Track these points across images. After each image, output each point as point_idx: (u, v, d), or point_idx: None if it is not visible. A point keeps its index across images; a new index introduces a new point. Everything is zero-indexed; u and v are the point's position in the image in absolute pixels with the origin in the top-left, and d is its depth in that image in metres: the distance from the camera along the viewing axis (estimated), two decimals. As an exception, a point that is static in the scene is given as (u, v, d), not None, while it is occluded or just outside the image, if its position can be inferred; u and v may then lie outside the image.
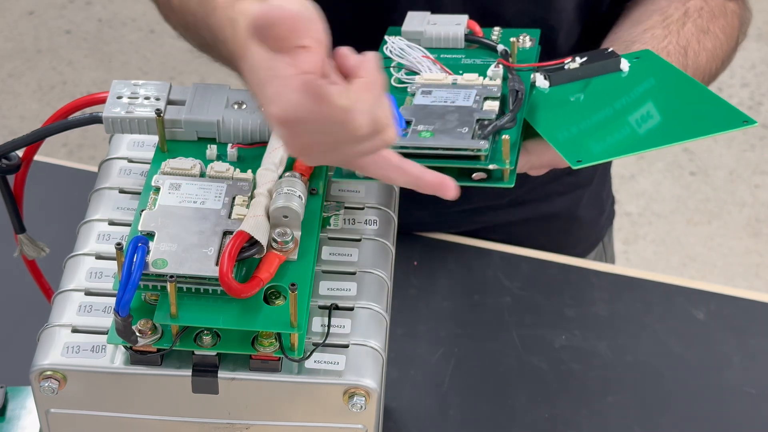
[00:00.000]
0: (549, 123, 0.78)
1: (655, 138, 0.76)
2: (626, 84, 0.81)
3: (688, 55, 0.93)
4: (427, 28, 0.85)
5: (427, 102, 0.77)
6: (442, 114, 0.76)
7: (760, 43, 2.45)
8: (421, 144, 0.73)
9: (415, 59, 0.82)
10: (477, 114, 0.75)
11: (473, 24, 0.85)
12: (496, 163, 0.73)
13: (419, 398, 0.95)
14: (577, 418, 0.94)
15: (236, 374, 0.67)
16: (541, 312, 1.01)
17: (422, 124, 0.75)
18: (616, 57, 0.82)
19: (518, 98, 0.77)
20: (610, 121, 0.78)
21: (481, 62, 0.83)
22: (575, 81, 0.81)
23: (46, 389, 0.67)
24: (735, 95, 2.34)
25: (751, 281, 2.04)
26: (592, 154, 0.75)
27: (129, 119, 0.74)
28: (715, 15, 0.97)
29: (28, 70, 2.38)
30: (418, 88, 0.79)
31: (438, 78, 0.80)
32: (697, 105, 0.79)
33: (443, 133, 0.74)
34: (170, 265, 0.66)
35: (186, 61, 2.39)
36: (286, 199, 0.69)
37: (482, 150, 0.73)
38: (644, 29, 0.93)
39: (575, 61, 0.82)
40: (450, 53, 0.84)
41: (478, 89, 0.78)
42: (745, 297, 1.04)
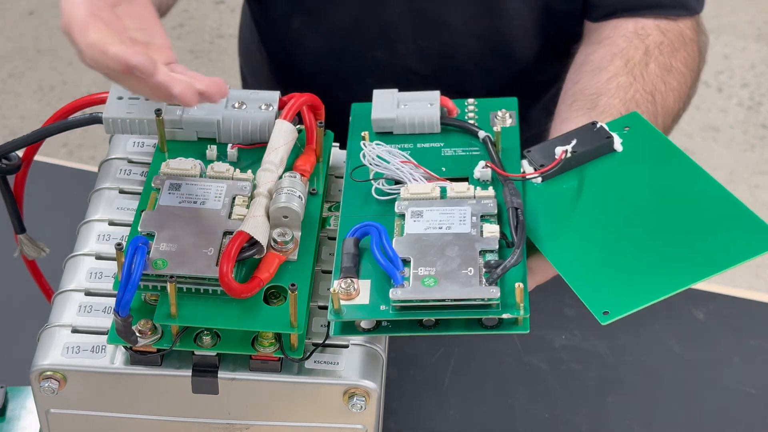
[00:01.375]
0: (555, 245, 0.71)
1: (687, 274, 0.68)
2: (626, 171, 0.75)
3: (656, 100, 0.91)
4: (399, 113, 0.78)
5: (421, 230, 0.70)
6: (441, 248, 0.69)
7: (760, 43, 2.46)
8: (427, 296, 0.66)
9: (395, 167, 0.74)
10: (479, 245, 0.69)
11: (446, 101, 0.79)
12: (510, 311, 0.67)
13: (419, 398, 0.95)
14: (577, 418, 0.94)
15: (236, 374, 0.67)
16: (541, 312, 1.01)
17: (422, 266, 0.68)
18: (609, 137, 0.76)
19: (519, 220, 0.70)
20: (629, 246, 0.70)
21: (464, 152, 0.77)
22: (568, 170, 0.76)
23: (46, 389, 0.67)
24: (735, 95, 2.34)
25: (751, 281, 2.04)
26: (619, 304, 0.68)
27: (129, 119, 0.74)
28: (675, 48, 0.95)
29: (28, 70, 2.38)
30: (406, 207, 0.72)
31: (424, 191, 0.72)
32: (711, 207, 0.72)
33: (448, 279, 0.67)
34: (170, 265, 0.66)
35: (186, 61, 2.39)
36: (286, 199, 0.69)
37: (493, 299, 0.67)
38: (608, 78, 0.90)
39: (567, 152, 0.75)
40: (427, 141, 0.78)
41: (472, 205, 0.71)
42: (745, 297, 1.04)
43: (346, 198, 0.74)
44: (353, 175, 0.75)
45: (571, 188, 0.75)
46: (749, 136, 2.26)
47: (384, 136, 0.77)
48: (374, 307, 0.67)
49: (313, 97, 0.75)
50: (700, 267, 0.68)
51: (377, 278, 0.68)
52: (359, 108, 0.81)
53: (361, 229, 0.70)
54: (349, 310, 0.67)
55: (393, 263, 0.68)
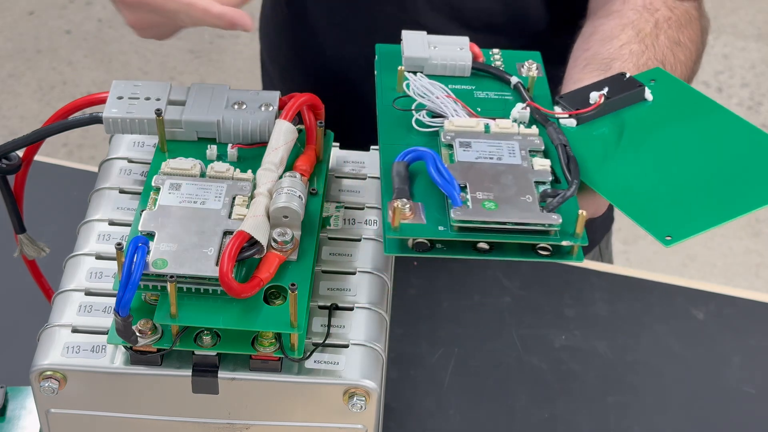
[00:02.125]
0: (605, 180, 0.72)
1: (739, 204, 0.70)
2: (660, 119, 0.77)
3: (666, 69, 0.92)
4: (432, 53, 0.78)
5: (472, 159, 0.71)
6: (495, 176, 0.69)
7: (759, 43, 2.46)
8: (489, 218, 0.67)
9: (439, 99, 0.75)
10: (532, 176, 0.70)
11: (473, 46, 0.80)
12: (569, 239, 0.67)
13: (419, 398, 0.95)
14: (577, 418, 0.94)
15: (236, 374, 0.67)
16: (541, 312, 1.01)
17: (479, 191, 0.68)
18: (640, 86, 0.78)
19: (569, 156, 0.72)
20: (678, 178, 0.72)
21: (496, 96, 0.78)
22: (603, 116, 0.77)
23: (46, 389, 0.67)
24: (735, 95, 2.34)
25: (751, 281, 2.04)
26: (680, 228, 0.69)
27: (129, 119, 0.74)
28: (682, 24, 0.98)
29: (28, 70, 2.38)
30: (453, 138, 0.72)
31: (469, 125, 0.73)
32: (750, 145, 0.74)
33: (507, 204, 0.67)
34: (170, 265, 0.66)
35: (186, 61, 2.39)
36: (287, 199, 0.69)
37: (555, 225, 0.67)
38: (620, 45, 0.92)
39: (604, 96, 0.77)
40: (458, 83, 0.78)
41: (518, 141, 0.72)
42: (745, 297, 1.04)
43: (383, 129, 0.75)
44: (396, 104, 0.76)
45: (607, 132, 0.76)
46: (749, 136, 2.26)
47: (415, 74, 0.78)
48: (432, 226, 0.67)
49: (313, 97, 0.75)
50: (750, 198, 0.71)
51: (429, 203, 0.69)
52: (385, 48, 0.81)
53: (412, 154, 0.70)
54: (407, 228, 0.67)
55: (451, 185, 0.68)
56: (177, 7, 0.78)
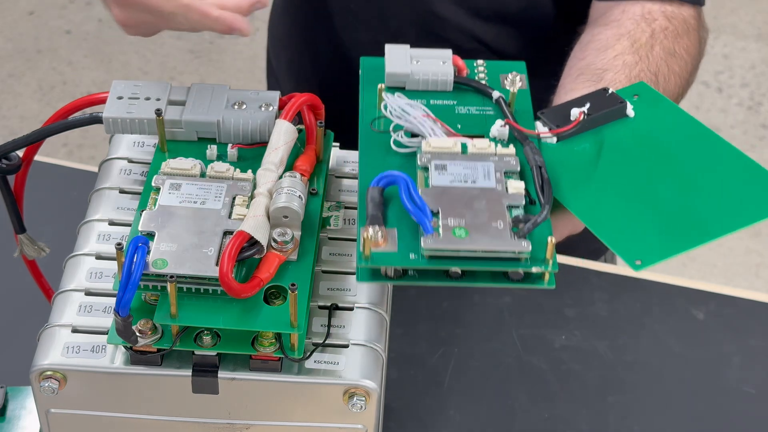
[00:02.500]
0: (579, 200, 0.72)
1: (714, 227, 0.69)
2: (640, 136, 0.76)
3: (659, 81, 0.92)
4: (413, 68, 0.77)
5: (446, 183, 0.70)
6: (468, 201, 0.69)
7: (760, 43, 2.46)
8: (459, 247, 0.66)
9: (416, 120, 0.74)
10: (505, 200, 0.69)
11: (457, 59, 0.79)
12: (539, 265, 0.67)
13: (419, 398, 0.95)
14: (577, 418, 0.94)
15: (236, 374, 0.67)
16: (541, 312, 1.01)
17: (451, 217, 0.68)
18: (622, 102, 0.77)
19: (544, 179, 0.71)
20: (652, 200, 0.72)
21: (477, 111, 0.77)
22: (583, 133, 0.76)
23: (46, 389, 0.67)
24: (735, 95, 2.34)
25: (751, 281, 2.04)
26: (650, 252, 0.68)
27: (129, 119, 0.74)
28: (679, 34, 0.98)
29: (28, 70, 2.38)
30: (429, 160, 0.72)
31: (446, 145, 0.72)
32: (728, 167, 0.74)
33: (478, 231, 0.67)
34: (170, 265, 0.66)
35: (186, 61, 2.39)
36: (287, 199, 0.69)
37: (524, 252, 0.66)
38: (614, 55, 0.92)
39: (584, 113, 0.76)
40: (439, 98, 0.78)
41: (494, 162, 0.72)
42: (745, 297, 1.04)
43: (363, 149, 0.74)
44: (374, 125, 0.75)
45: (587, 149, 0.76)
46: (749, 136, 2.26)
47: (395, 92, 0.77)
48: (404, 254, 0.67)
49: (313, 96, 0.75)
50: (726, 220, 0.70)
51: (403, 228, 0.68)
52: (369, 62, 0.80)
53: (386, 179, 0.70)
54: (377, 257, 0.67)
55: (422, 212, 0.68)
56: (174, 9, 0.78)
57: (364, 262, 0.66)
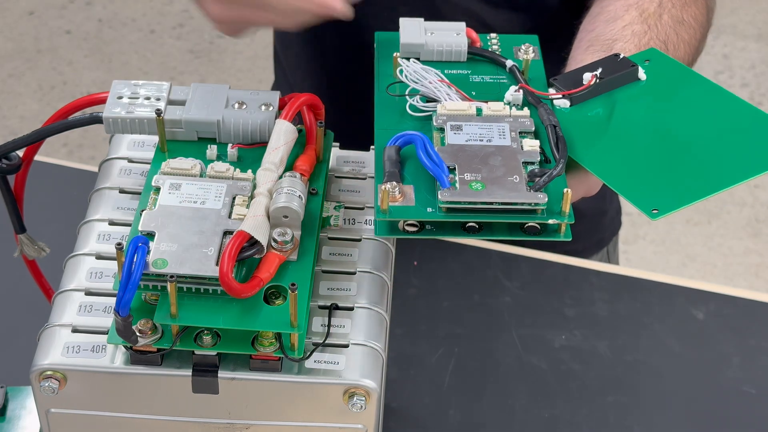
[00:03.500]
0: (594, 157, 0.73)
1: (726, 176, 0.71)
2: (652, 97, 0.78)
3: (669, 49, 0.93)
4: (428, 39, 0.79)
5: (462, 141, 0.72)
6: (484, 157, 0.70)
7: (760, 43, 2.46)
8: (475, 199, 0.68)
9: (432, 84, 0.76)
10: (521, 156, 0.71)
11: (470, 32, 0.81)
12: (556, 217, 0.68)
13: (419, 398, 0.95)
14: (577, 418, 0.94)
15: (236, 374, 0.67)
16: (541, 312, 1.01)
17: (468, 172, 0.69)
18: (633, 66, 0.79)
19: (558, 136, 0.72)
20: (666, 154, 0.73)
21: (491, 80, 0.79)
22: (596, 97, 0.78)
23: (46, 389, 0.67)
24: (735, 95, 2.34)
25: (751, 281, 2.04)
26: (666, 201, 0.70)
27: (129, 119, 0.74)
28: (686, 3, 0.98)
29: (28, 70, 2.38)
30: (444, 121, 0.73)
31: (461, 108, 0.74)
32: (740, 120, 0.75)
33: (494, 184, 0.69)
34: (170, 265, 0.66)
35: (186, 61, 2.39)
36: (287, 199, 0.69)
37: (540, 204, 0.68)
38: (623, 25, 0.93)
39: (596, 77, 0.78)
40: (454, 68, 0.79)
41: (509, 123, 0.73)
42: (745, 297, 1.04)
43: (379, 114, 0.76)
44: (389, 90, 0.77)
45: (601, 112, 0.77)
46: (749, 136, 2.26)
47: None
48: (421, 208, 0.69)
49: (313, 97, 0.75)
50: (738, 170, 0.71)
51: (420, 185, 0.70)
52: (383, 36, 0.82)
53: (403, 138, 0.72)
54: (395, 211, 0.69)
55: (439, 167, 0.69)
56: None
57: (382, 215, 0.68)
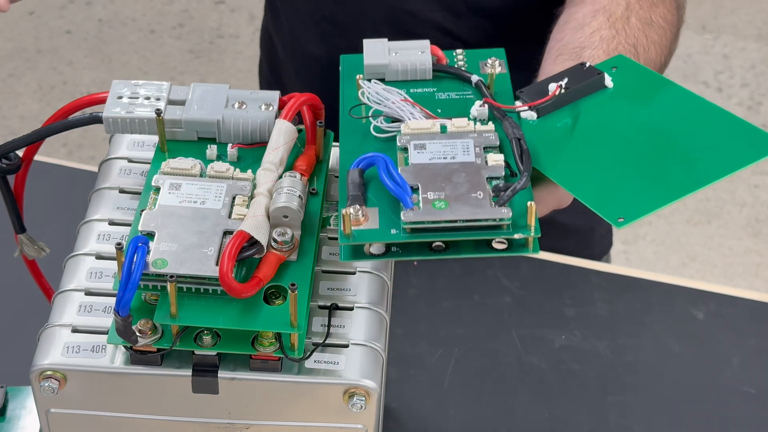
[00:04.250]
0: (560, 168, 0.73)
1: (693, 180, 0.70)
2: (619, 104, 0.77)
3: (639, 52, 0.93)
4: (392, 59, 0.78)
5: (425, 160, 0.71)
6: (448, 175, 0.70)
7: (760, 43, 2.46)
8: (439, 218, 0.67)
9: (395, 105, 0.75)
10: (485, 171, 0.70)
11: (435, 50, 0.80)
12: (521, 231, 0.67)
13: (419, 398, 0.95)
14: (577, 418, 0.94)
15: (236, 374, 0.67)
16: (541, 312, 1.01)
17: (431, 191, 0.69)
18: (599, 74, 0.78)
19: (523, 149, 0.71)
20: (632, 161, 0.73)
21: (457, 96, 0.78)
22: (562, 107, 0.77)
23: (46, 389, 0.67)
24: (735, 95, 2.34)
25: (751, 281, 2.04)
26: (632, 209, 0.69)
27: (129, 119, 0.74)
28: (654, 3, 0.98)
29: (28, 70, 2.38)
30: (408, 140, 0.72)
31: (425, 126, 0.73)
32: (707, 123, 0.74)
33: (458, 201, 0.68)
34: (170, 265, 0.66)
35: (186, 61, 2.39)
36: (286, 199, 0.69)
37: (505, 219, 0.67)
38: (591, 32, 0.92)
39: (561, 87, 0.77)
40: (419, 86, 0.78)
41: (473, 138, 0.72)
42: (745, 297, 1.04)
43: (343, 137, 0.75)
44: (352, 113, 0.76)
45: (566, 122, 0.76)
46: (749, 136, 2.26)
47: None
48: (385, 230, 0.68)
49: (313, 96, 0.75)
50: (705, 173, 0.70)
51: (384, 207, 0.69)
52: (349, 59, 0.81)
53: (366, 160, 0.71)
54: (359, 235, 0.68)
55: (402, 188, 0.69)
56: None
57: (345, 240, 0.68)
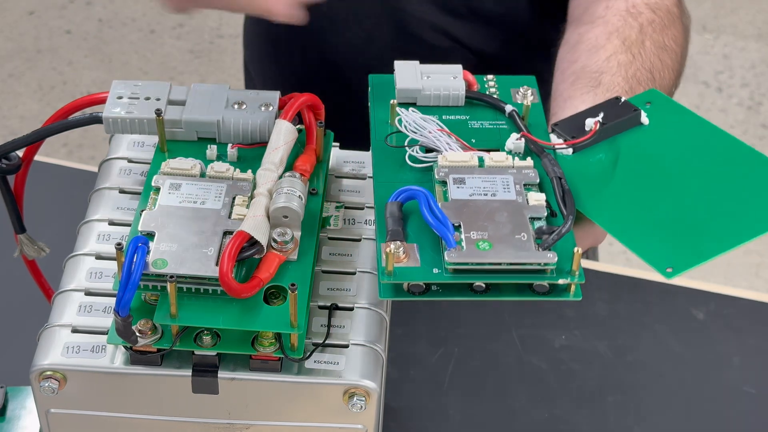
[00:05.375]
0: (602, 210, 0.71)
1: (740, 231, 0.69)
2: (657, 143, 0.75)
3: (655, 77, 0.91)
4: (425, 84, 0.77)
5: (466, 196, 0.69)
6: (490, 213, 0.68)
7: (760, 43, 2.46)
8: (483, 260, 0.66)
9: (431, 134, 0.74)
10: (527, 211, 0.68)
11: (467, 74, 0.78)
12: (565, 277, 0.66)
13: (419, 398, 0.95)
14: (577, 418, 0.94)
15: (236, 374, 0.67)
16: (541, 312, 1.01)
17: (474, 230, 0.67)
18: (636, 110, 0.76)
19: (565, 190, 0.70)
20: (676, 206, 0.71)
21: (490, 125, 0.76)
22: (598, 143, 0.76)
23: (46, 389, 0.67)
24: (735, 95, 2.34)
25: (751, 281, 2.04)
26: (681, 259, 0.67)
27: (129, 119, 0.74)
28: (665, 25, 0.97)
29: (28, 70, 2.38)
30: (446, 174, 0.71)
31: (462, 159, 0.72)
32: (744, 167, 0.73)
33: (502, 243, 0.66)
34: (170, 265, 0.66)
35: (186, 61, 2.39)
36: (286, 199, 0.69)
37: (550, 264, 0.66)
38: (607, 56, 0.91)
39: (599, 123, 0.75)
40: (451, 113, 0.77)
41: (513, 174, 0.71)
42: (745, 297, 1.04)
43: (377, 165, 0.74)
44: (389, 141, 0.75)
45: (604, 159, 0.75)
46: (749, 136, 2.26)
47: (406, 108, 0.76)
48: (427, 270, 0.66)
49: (313, 96, 0.75)
50: (752, 224, 0.69)
51: (424, 243, 0.68)
52: (377, 79, 0.80)
53: (405, 193, 0.69)
54: (401, 272, 0.66)
55: (445, 226, 0.67)
56: None
57: (387, 278, 0.66)
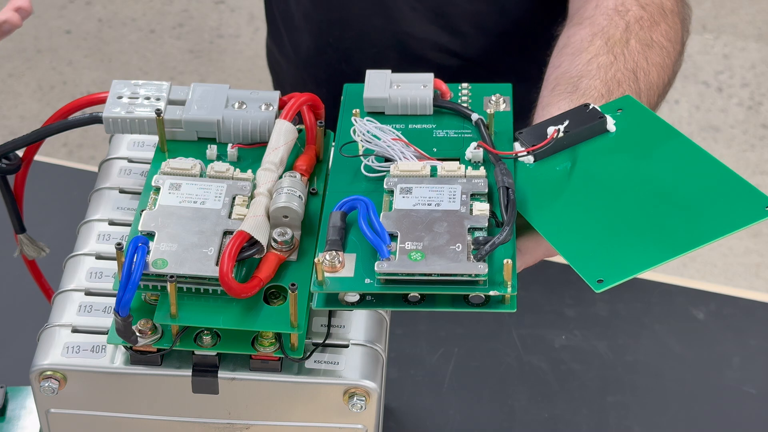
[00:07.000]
0: (546, 218, 0.70)
1: (680, 242, 0.67)
2: (617, 152, 0.74)
3: (639, 77, 0.89)
4: (392, 93, 0.76)
5: (410, 206, 0.69)
6: (429, 224, 0.68)
7: (760, 43, 2.46)
8: (413, 270, 0.65)
9: (386, 144, 0.73)
10: (468, 222, 0.68)
11: (439, 83, 0.77)
12: (497, 288, 0.65)
13: (419, 398, 0.95)
14: (577, 418, 0.94)
15: (236, 374, 0.67)
16: (541, 312, 1.01)
17: (409, 240, 0.67)
18: (601, 117, 0.74)
19: (510, 199, 0.69)
20: (620, 217, 0.69)
21: (455, 134, 0.76)
22: (561, 151, 0.74)
23: (46, 389, 0.67)
24: (735, 95, 2.34)
25: (751, 281, 2.04)
26: (613, 272, 0.66)
27: (129, 119, 0.74)
28: (655, 21, 0.94)
29: (28, 70, 2.38)
30: (395, 183, 0.71)
31: (414, 169, 0.71)
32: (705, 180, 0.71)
33: (435, 254, 0.66)
34: (170, 265, 0.66)
35: (186, 61, 2.39)
36: (287, 199, 0.69)
37: (481, 275, 0.65)
38: (589, 59, 0.89)
39: (558, 131, 0.73)
40: (419, 122, 0.77)
41: (462, 184, 0.70)
42: (745, 297, 1.04)
43: (334, 174, 0.74)
44: (343, 151, 0.74)
45: (564, 168, 0.74)
46: (749, 136, 2.26)
47: (376, 116, 0.76)
48: (359, 280, 0.66)
49: (313, 96, 0.75)
50: (694, 236, 0.67)
51: (363, 253, 0.68)
52: (351, 88, 0.80)
53: (349, 203, 0.69)
54: (332, 282, 0.66)
55: (380, 237, 0.67)
56: None
57: (318, 287, 0.66)
